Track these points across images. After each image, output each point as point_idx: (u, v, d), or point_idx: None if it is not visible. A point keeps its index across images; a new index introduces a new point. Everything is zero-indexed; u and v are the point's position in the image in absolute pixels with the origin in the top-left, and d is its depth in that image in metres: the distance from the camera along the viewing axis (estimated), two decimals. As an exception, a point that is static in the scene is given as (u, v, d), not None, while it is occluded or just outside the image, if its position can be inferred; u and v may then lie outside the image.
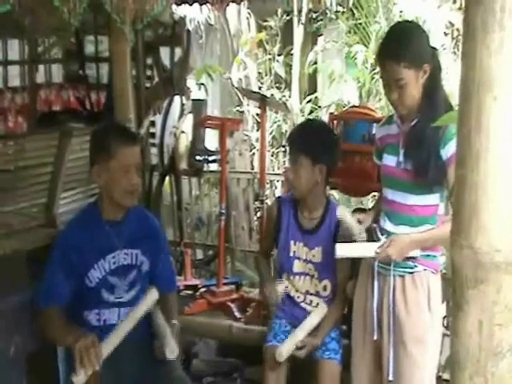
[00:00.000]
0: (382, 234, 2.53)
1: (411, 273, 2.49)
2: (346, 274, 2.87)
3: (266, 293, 2.86)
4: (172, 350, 2.52)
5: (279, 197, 3.19)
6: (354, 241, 2.78)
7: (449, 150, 2.31)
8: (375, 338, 2.54)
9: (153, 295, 2.60)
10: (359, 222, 2.67)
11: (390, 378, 2.49)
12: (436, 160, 2.36)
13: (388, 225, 2.53)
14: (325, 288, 2.90)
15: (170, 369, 2.65)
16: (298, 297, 2.93)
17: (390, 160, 2.53)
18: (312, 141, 2.80)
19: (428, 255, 2.49)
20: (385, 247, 2.45)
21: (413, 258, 2.47)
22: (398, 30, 2.55)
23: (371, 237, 2.59)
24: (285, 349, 2.72)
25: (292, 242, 2.92)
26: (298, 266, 2.92)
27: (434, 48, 2.49)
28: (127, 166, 2.60)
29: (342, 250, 2.58)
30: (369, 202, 5.00)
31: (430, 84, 2.40)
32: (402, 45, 2.36)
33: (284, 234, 2.94)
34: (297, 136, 2.89)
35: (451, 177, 2.26)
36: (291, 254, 2.92)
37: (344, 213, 2.90)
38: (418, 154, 2.41)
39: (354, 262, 2.79)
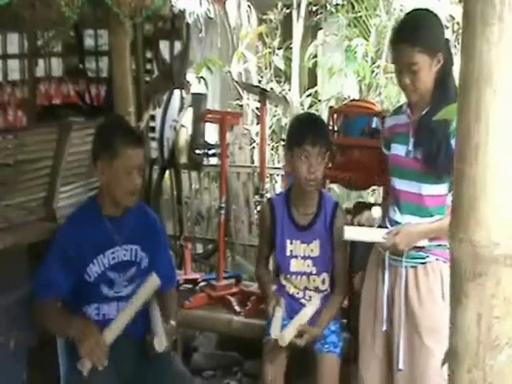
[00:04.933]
0: (392, 225, 2.54)
1: (423, 263, 2.49)
2: (344, 265, 2.88)
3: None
4: (160, 342, 2.52)
5: (270, 198, 3.16)
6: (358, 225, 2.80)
7: None
8: (384, 328, 2.54)
9: (153, 282, 2.60)
10: (372, 216, 2.68)
11: (401, 366, 2.48)
12: (446, 149, 2.36)
13: (397, 215, 2.53)
14: (323, 281, 2.90)
15: (169, 363, 2.65)
16: (298, 293, 2.93)
17: (399, 149, 2.53)
18: (326, 132, 2.85)
19: (439, 245, 2.48)
20: (392, 234, 2.46)
21: (422, 248, 2.47)
22: (414, 15, 2.56)
23: (381, 227, 2.61)
24: (287, 333, 2.70)
25: (288, 242, 2.91)
26: (295, 265, 2.91)
27: (448, 40, 2.50)
28: (130, 168, 2.60)
29: (350, 233, 2.60)
30: (369, 195, 5.00)
31: (442, 74, 2.41)
32: (418, 29, 2.38)
33: (279, 233, 2.92)
34: (317, 127, 2.85)
35: None
36: (288, 254, 2.91)
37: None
38: (428, 143, 2.41)
39: (361, 254, 2.80)
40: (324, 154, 2.77)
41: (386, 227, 2.57)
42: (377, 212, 2.72)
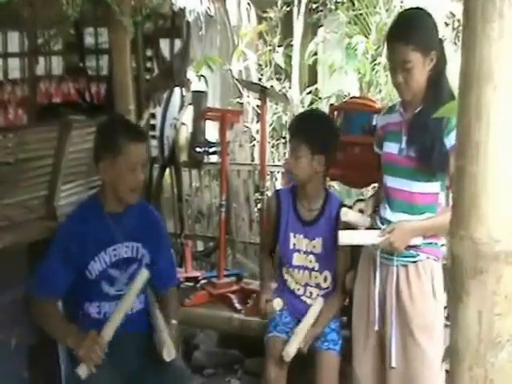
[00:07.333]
0: (383, 224, 2.53)
1: (414, 262, 2.50)
2: (344, 264, 2.88)
3: (262, 305, 2.89)
4: (169, 353, 2.53)
5: (277, 190, 3.19)
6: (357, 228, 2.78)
7: (452, 138, 2.31)
8: (377, 328, 2.55)
9: (143, 276, 2.61)
10: (361, 211, 2.67)
11: (393, 364, 2.49)
12: (440, 147, 2.38)
13: (388, 213, 2.54)
14: (325, 279, 2.91)
15: (170, 361, 2.65)
16: (298, 289, 2.93)
17: (391, 147, 2.54)
18: (312, 131, 2.81)
19: (430, 243, 2.50)
20: (387, 233, 2.46)
21: (414, 247, 2.48)
22: (408, 14, 2.61)
23: (372, 226, 2.60)
24: (291, 348, 2.71)
25: (292, 235, 2.92)
26: (297, 259, 2.92)
27: (441, 39, 2.52)
28: (134, 164, 2.59)
29: (345, 238, 2.58)
30: (369, 193, 5.00)
31: (435, 73, 2.43)
32: (412, 27, 2.41)
33: (284, 226, 2.94)
34: (297, 125, 2.91)
35: (453, 166, 2.27)
36: (291, 247, 2.92)
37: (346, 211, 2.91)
38: (421, 140, 2.42)
39: (354, 253, 2.80)
40: (302, 150, 2.77)
41: (377, 224, 2.57)
42: (353, 215, 2.69)
